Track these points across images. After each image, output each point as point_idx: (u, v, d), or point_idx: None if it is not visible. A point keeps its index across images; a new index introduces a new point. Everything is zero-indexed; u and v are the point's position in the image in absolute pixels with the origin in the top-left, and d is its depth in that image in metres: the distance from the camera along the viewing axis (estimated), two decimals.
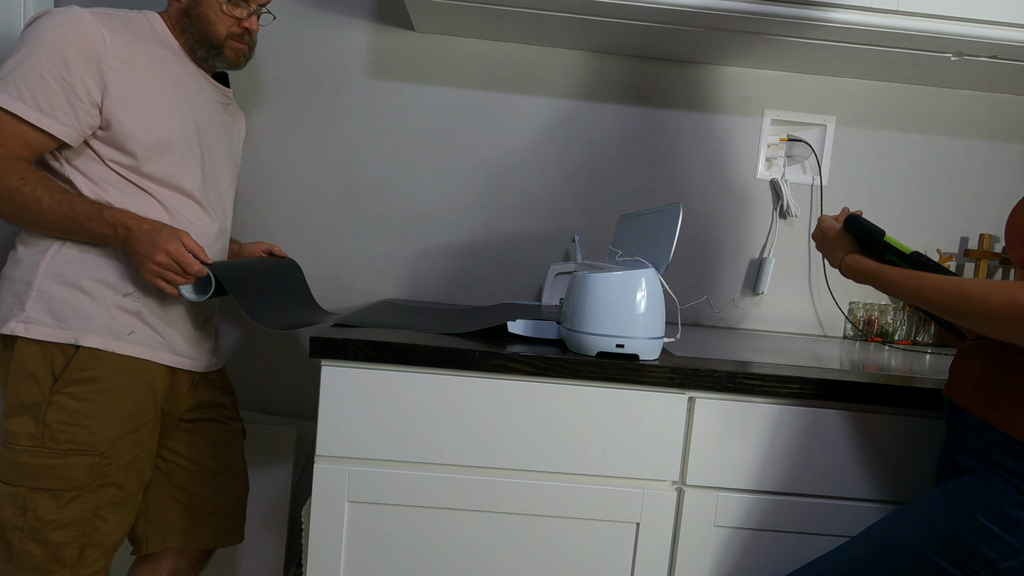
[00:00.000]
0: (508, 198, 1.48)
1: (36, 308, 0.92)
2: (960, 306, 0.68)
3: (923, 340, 1.44)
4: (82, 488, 0.93)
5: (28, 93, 0.89)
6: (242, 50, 1.07)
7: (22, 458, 0.91)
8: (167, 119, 0.99)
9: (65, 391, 0.92)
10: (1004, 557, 0.68)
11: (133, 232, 0.91)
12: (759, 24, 1.17)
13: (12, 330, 0.92)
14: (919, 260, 0.79)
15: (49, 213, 0.89)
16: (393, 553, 0.91)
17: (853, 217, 0.88)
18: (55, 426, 0.91)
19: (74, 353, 0.93)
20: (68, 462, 0.92)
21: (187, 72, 1.05)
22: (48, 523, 0.91)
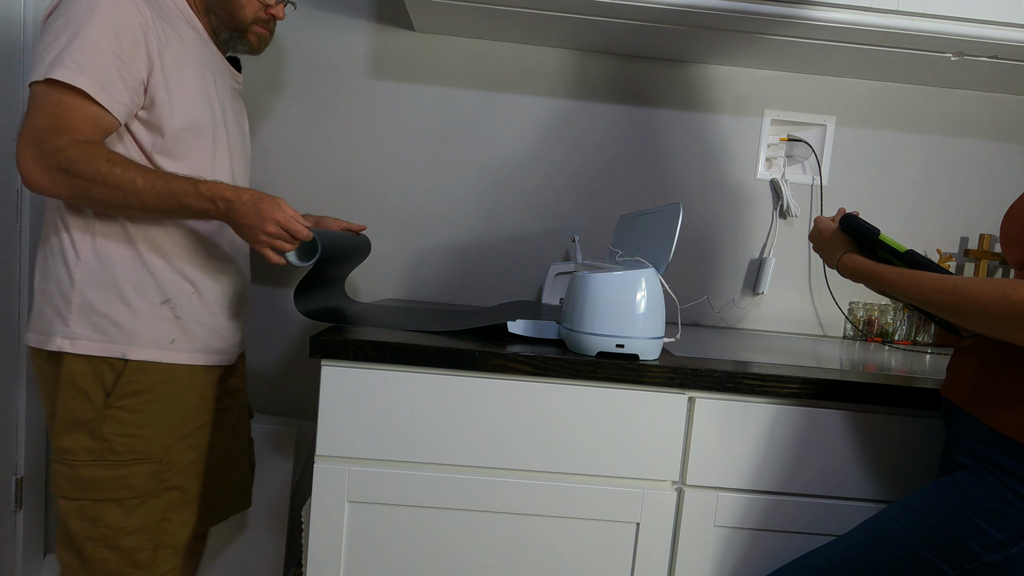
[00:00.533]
0: (508, 198, 1.47)
1: (79, 323, 0.91)
2: (955, 304, 0.68)
3: (923, 340, 1.44)
4: (146, 494, 0.94)
5: (90, 69, 0.84)
6: (265, 36, 1.05)
7: (82, 472, 0.91)
8: (198, 102, 0.97)
9: (118, 405, 0.92)
10: (989, 551, 0.68)
11: (234, 204, 0.89)
12: (759, 24, 1.17)
13: (59, 346, 0.91)
14: (914, 259, 0.80)
15: (145, 193, 0.86)
16: (393, 553, 0.91)
17: (848, 217, 0.88)
18: (113, 439, 0.92)
19: (123, 367, 0.92)
20: (129, 471, 0.93)
21: (210, 54, 1.02)
22: (119, 530, 0.93)
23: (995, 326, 0.65)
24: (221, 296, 1.04)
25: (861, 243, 0.88)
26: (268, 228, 0.89)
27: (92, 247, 0.92)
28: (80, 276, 0.91)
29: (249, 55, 1.08)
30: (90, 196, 0.86)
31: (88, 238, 0.92)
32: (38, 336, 0.93)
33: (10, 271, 1.36)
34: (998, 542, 0.68)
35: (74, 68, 0.83)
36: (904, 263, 0.81)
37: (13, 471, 1.42)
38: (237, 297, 1.08)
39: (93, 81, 0.84)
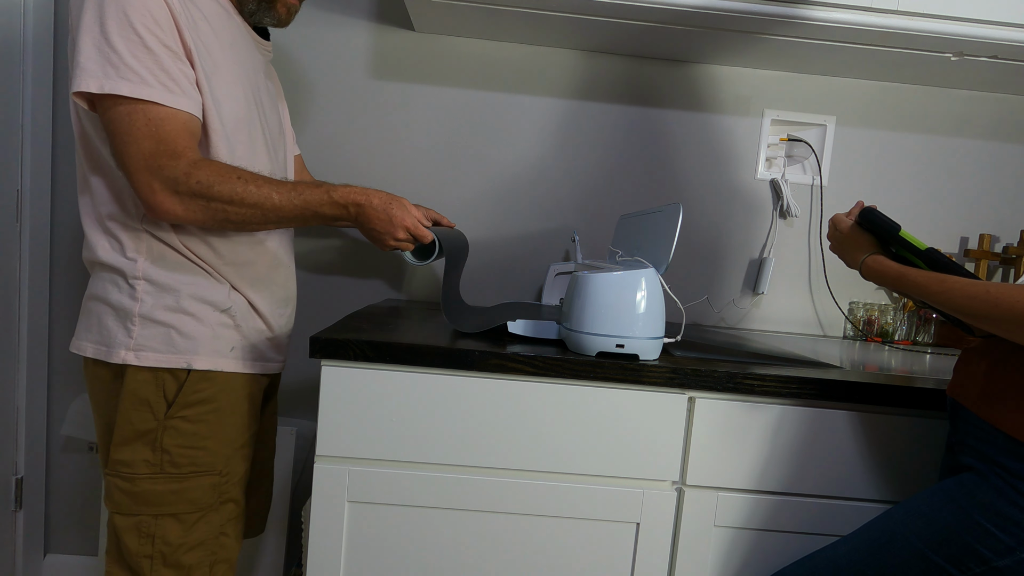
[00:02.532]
0: (508, 198, 1.47)
1: (144, 335, 0.88)
2: (986, 311, 0.67)
3: (923, 340, 1.44)
4: (206, 508, 0.92)
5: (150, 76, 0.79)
6: (294, 6, 0.99)
7: (141, 486, 0.88)
8: (236, 91, 0.92)
9: (180, 415, 0.90)
10: (999, 555, 0.68)
11: (365, 208, 0.89)
12: (760, 24, 1.17)
13: (123, 359, 0.88)
14: (934, 257, 0.78)
15: (283, 208, 0.85)
16: (393, 553, 0.91)
17: (868, 211, 0.86)
18: (174, 450, 0.89)
19: (186, 377, 0.90)
20: (189, 484, 0.90)
21: (236, 29, 0.95)
22: (179, 547, 0.90)
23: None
24: (273, 303, 1.01)
25: (879, 239, 0.86)
26: (398, 235, 0.91)
27: (150, 259, 0.89)
28: (143, 288, 0.88)
29: (277, 27, 1.02)
30: (227, 218, 0.85)
31: (144, 249, 0.89)
32: (97, 347, 0.90)
33: (10, 271, 1.36)
34: (1007, 546, 0.68)
35: (136, 80, 0.79)
36: (924, 261, 0.80)
37: (13, 471, 1.42)
38: (287, 304, 1.06)
39: (162, 86, 0.80)
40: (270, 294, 1.01)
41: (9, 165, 1.33)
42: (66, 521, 1.53)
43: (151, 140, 0.80)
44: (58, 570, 1.53)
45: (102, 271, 0.90)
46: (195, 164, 0.82)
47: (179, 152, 0.81)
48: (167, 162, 0.81)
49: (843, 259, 0.91)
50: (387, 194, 0.92)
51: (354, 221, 0.90)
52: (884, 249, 0.86)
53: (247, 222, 0.86)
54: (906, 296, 0.81)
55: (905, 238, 0.81)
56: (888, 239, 0.84)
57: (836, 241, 0.92)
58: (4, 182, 1.32)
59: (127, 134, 0.80)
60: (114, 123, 0.81)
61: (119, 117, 0.80)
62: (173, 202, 0.82)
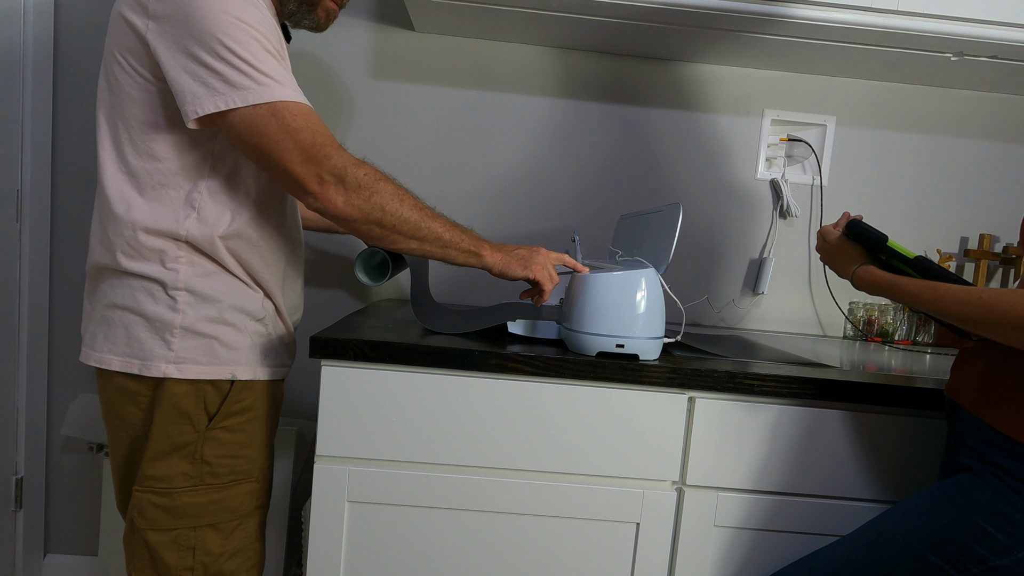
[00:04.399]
0: (508, 198, 1.47)
1: (185, 347, 0.86)
2: (980, 316, 0.68)
3: (923, 340, 1.44)
4: (244, 515, 0.91)
5: (281, 77, 0.79)
6: (334, 11, 0.98)
7: (180, 500, 0.87)
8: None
9: (221, 426, 0.88)
10: (996, 555, 0.68)
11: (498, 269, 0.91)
12: (759, 24, 1.17)
13: (163, 372, 0.85)
14: (924, 265, 0.79)
15: (435, 230, 0.85)
16: (393, 553, 0.91)
17: (854, 223, 0.86)
18: (215, 461, 0.88)
19: (229, 388, 0.89)
20: (230, 493, 0.89)
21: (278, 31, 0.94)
22: (219, 556, 0.89)
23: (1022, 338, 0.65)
24: (293, 306, 1.01)
25: (868, 249, 0.87)
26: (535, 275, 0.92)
27: (191, 270, 0.86)
28: (184, 299, 0.86)
29: (314, 31, 1.01)
30: (380, 220, 0.83)
31: (185, 259, 0.86)
32: (128, 360, 0.86)
33: (10, 271, 1.36)
34: (1005, 546, 0.68)
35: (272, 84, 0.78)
36: (914, 269, 0.80)
37: (13, 471, 1.42)
38: (299, 308, 1.06)
39: (293, 87, 0.80)
40: (293, 295, 1.01)
41: (9, 165, 1.33)
42: (66, 521, 1.54)
43: (308, 132, 0.79)
44: (58, 570, 1.53)
45: (130, 279, 0.86)
46: (356, 161, 0.82)
47: (338, 145, 0.81)
48: (332, 151, 0.80)
49: (835, 270, 0.91)
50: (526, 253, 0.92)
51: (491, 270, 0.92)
52: (874, 259, 0.86)
53: (392, 232, 0.84)
54: (899, 303, 0.81)
55: (893, 247, 0.82)
56: (877, 249, 0.84)
57: (826, 252, 0.92)
58: (4, 182, 1.32)
59: (281, 131, 0.78)
60: (258, 127, 0.78)
61: (261, 119, 0.78)
62: (338, 191, 0.80)
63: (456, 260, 0.88)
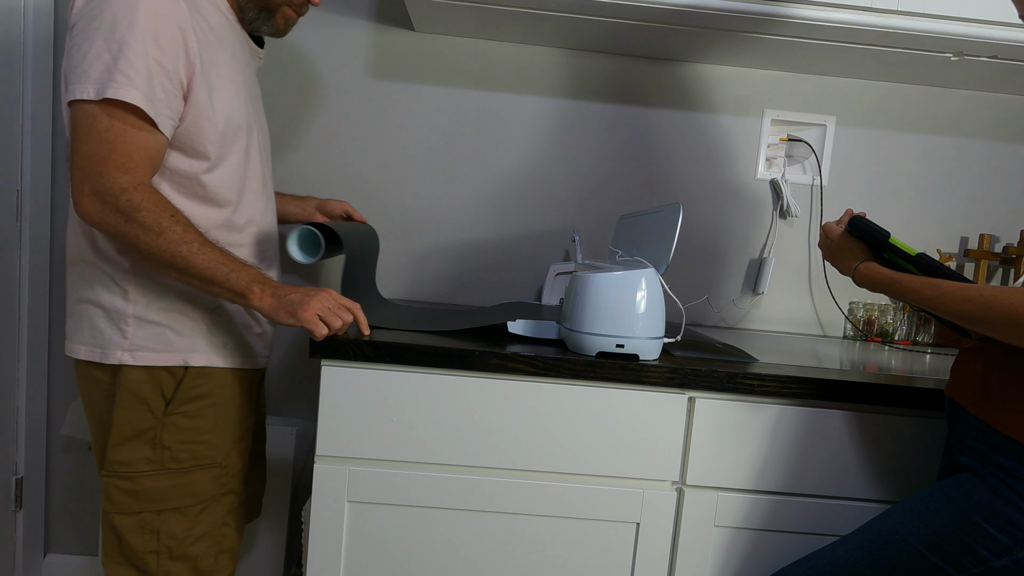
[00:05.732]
0: (508, 198, 1.47)
1: (139, 335, 0.89)
2: (981, 313, 0.67)
3: (923, 340, 1.44)
4: (208, 500, 0.94)
5: (141, 84, 0.79)
6: (292, 18, 1.00)
7: (143, 484, 0.89)
8: (236, 100, 0.92)
9: (179, 411, 0.91)
10: (996, 555, 0.68)
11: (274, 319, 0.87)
12: (759, 24, 1.17)
13: (119, 359, 0.89)
14: (925, 262, 0.79)
15: (194, 258, 0.82)
16: (393, 553, 0.91)
17: (856, 219, 0.86)
18: (174, 446, 0.90)
19: (183, 374, 0.91)
20: (192, 478, 0.92)
21: (236, 38, 0.96)
22: (184, 539, 0.92)
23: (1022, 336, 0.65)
24: None
25: (870, 246, 0.87)
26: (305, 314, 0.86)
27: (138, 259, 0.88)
28: (134, 288, 0.89)
29: (274, 37, 1.03)
30: (136, 244, 0.82)
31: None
32: (90, 349, 0.90)
33: (10, 271, 1.36)
34: (1005, 547, 0.68)
35: (126, 83, 0.78)
36: (915, 266, 0.80)
37: (13, 471, 1.42)
38: None
39: (146, 97, 0.80)
40: None
41: (9, 165, 1.33)
42: (66, 521, 1.54)
43: (105, 146, 0.80)
44: (58, 570, 1.53)
45: (89, 271, 0.90)
46: (138, 187, 0.80)
47: (128, 168, 0.80)
48: (111, 172, 0.80)
49: (836, 267, 0.91)
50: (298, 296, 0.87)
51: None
52: (876, 256, 0.86)
53: (149, 259, 0.83)
54: (901, 301, 0.81)
55: (895, 244, 0.82)
56: (879, 246, 0.84)
57: (828, 249, 0.92)
58: (4, 182, 1.32)
59: (85, 133, 0.80)
60: (79, 120, 0.80)
61: (86, 115, 0.80)
62: (96, 210, 0.80)
63: (223, 296, 0.86)
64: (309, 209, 1.21)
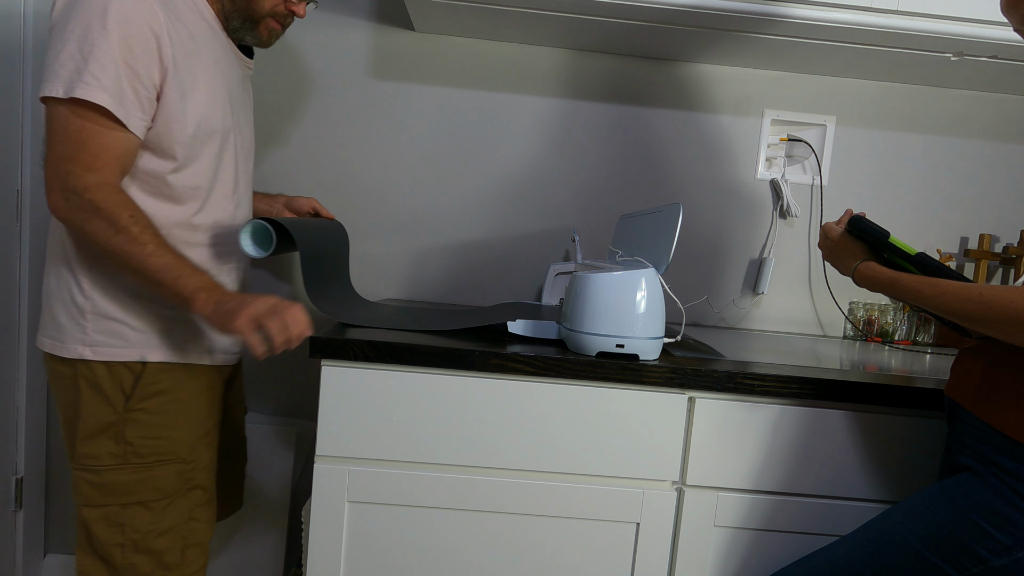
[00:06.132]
0: (508, 198, 1.47)
1: (97, 329, 0.90)
2: (981, 312, 0.67)
3: (923, 340, 1.44)
4: (173, 495, 0.94)
5: (110, 85, 0.80)
6: (276, 30, 1.01)
7: (107, 478, 0.91)
8: (212, 107, 0.94)
9: (139, 407, 0.92)
10: (996, 555, 0.68)
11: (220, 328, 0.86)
12: (759, 24, 1.17)
13: (79, 353, 0.90)
14: (924, 262, 0.79)
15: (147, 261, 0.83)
16: (393, 553, 0.91)
17: (856, 219, 0.87)
18: (136, 441, 0.91)
19: (142, 370, 0.92)
20: (155, 473, 0.93)
21: (219, 46, 0.98)
22: (148, 532, 0.93)
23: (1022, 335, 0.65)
24: None
25: (870, 246, 0.87)
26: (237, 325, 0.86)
27: (96, 254, 0.90)
28: (89, 284, 0.90)
29: (258, 47, 1.04)
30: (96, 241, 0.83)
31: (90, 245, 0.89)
32: (53, 342, 0.92)
33: (10, 271, 1.36)
34: (1005, 546, 0.68)
35: (95, 84, 0.80)
36: (915, 266, 0.80)
37: (13, 471, 1.42)
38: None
39: (114, 98, 0.81)
40: (226, 283, 1.01)
41: (9, 165, 1.33)
42: (66, 521, 1.54)
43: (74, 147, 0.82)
44: (58, 570, 1.53)
45: (56, 266, 0.92)
46: (101, 186, 0.82)
47: (94, 168, 0.82)
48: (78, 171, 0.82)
49: (836, 267, 0.91)
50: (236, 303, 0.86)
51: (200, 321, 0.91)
52: (876, 255, 0.86)
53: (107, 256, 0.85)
54: (900, 301, 0.81)
55: (895, 244, 0.82)
56: (878, 245, 0.84)
57: (828, 249, 0.92)
58: (4, 182, 1.32)
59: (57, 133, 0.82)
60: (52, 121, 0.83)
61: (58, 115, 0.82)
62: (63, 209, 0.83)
63: (172, 300, 0.87)
64: (277, 207, 1.21)
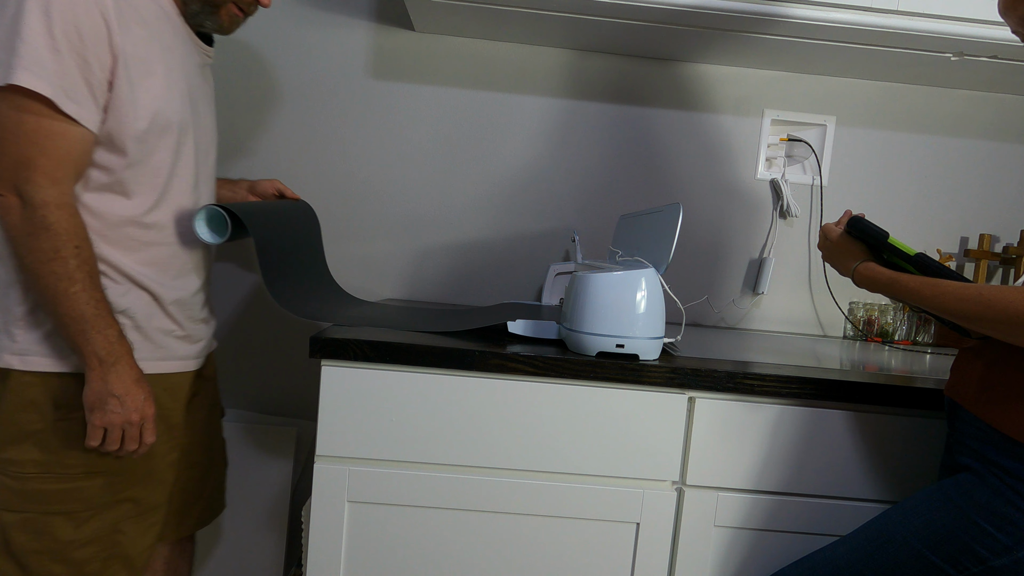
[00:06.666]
0: (508, 198, 1.47)
1: (29, 339, 0.85)
2: (980, 312, 0.67)
3: (923, 340, 1.44)
4: (99, 506, 0.90)
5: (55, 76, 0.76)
6: (238, 17, 0.96)
7: (30, 485, 0.87)
8: (166, 97, 0.89)
9: (70, 417, 0.87)
10: (996, 555, 0.68)
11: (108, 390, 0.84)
12: (759, 24, 1.17)
13: (7, 363, 0.85)
14: (924, 262, 0.79)
15: (69, 298, 0.80)
16: (393, 553, 0.91)
17: (855, 220, 0.87)
18: (63, 452, 0.87)
19: (74, 381, 0.87)
20: (81, 484, 0.88)
21: (174, 32, 0.92)
22: (68, 543, 0.88)
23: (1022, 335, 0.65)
24: (182, 301, 0.97)
25: (870, 246, 0.87)
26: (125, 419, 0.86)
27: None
28: (23, 291, 0.85)
29: (219, 34, 0.99)
30: (24, 256, 0.80)
31: None
32: None
33: None
34: (1005, 546, 0.68)
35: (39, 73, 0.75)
36: (914, 266, 0.80)
37: None
38: (200, 300, 1.02)
39: (68, 93, 0.77)
40: (184, 286, 0.97)
41: None
42: None
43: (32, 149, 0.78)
44: None
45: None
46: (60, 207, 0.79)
47: (56, 180, 0.79)
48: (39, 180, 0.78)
49: (835, 268, 0.91)
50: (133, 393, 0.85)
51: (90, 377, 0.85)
52: (875, 256, 0.86)
53: (30, 272, 0.81)
54: (900, 301, 0.81)
55: (894, 244, 0.82)
56: (878, 246, 0.85)
57: (827, 250, 0.93)
58: None
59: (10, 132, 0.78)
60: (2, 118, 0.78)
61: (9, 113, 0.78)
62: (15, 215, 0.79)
63: (68, 343, 0.84)
64: (240, 192, 1.17)
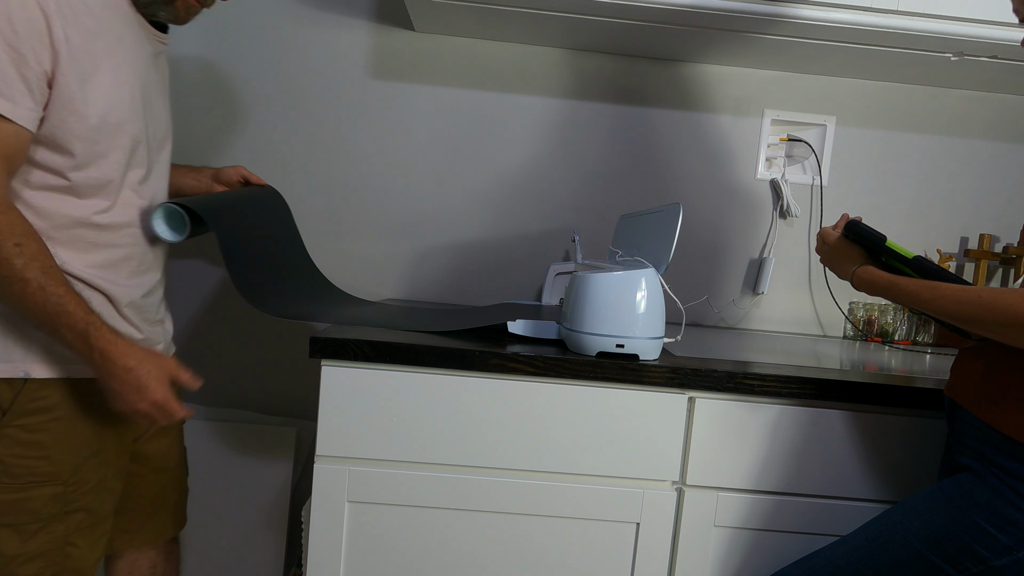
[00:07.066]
0: (508, 198, 1.47)
1: None
2: (979, 315, 0.68)
3: (923, 340, 1.44)
4: (48, 519, 0.86)
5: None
6: (194, 7, 0.92)
7: None
8: (117, 93, 0.84)
9: (16, 424, 0.83)
10: (996, 555, 0.68)
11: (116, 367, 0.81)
12: (759, 24, 1.17)
13: None
14: (922, 265, 0.79)
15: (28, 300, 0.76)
16: (393, 553, 0.91)
17: (853, 223, 0.87)
18: (8, 460, 0.83)
19: (22, 386, 0.83)
20: (28, 495, 0.84)
21: (123, 21, 0.87)
22: (14, 558, 0.84)
23: (1021, 337, 0.65)
24: (137, 304, 0.94)
25: (868, 250, 0.87)
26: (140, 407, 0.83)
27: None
28: None
29: (173, 24, 0.94)
30: None
31: None
32: None
33: None
34: (1005, 546, 0.68)
35: None
36: (912, 269, 0.81)
37: None
38: (155, 302, 0.99)
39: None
40: (138, 286, 0.94)
41: None
42: None
43: None
44: None
45: None
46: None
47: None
48: None
49: (834, 271, 0.92)
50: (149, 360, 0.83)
51: (97, 372, 0.82)
52: (873, 259, 0.87)
53: None
54: (899, 304, 0.82)
55: (892, 247, 0.82)
56: (876, 249, 0.85)
57: (825, 254, 0.93)
58: None
59: None
60: None
61: None
62: None
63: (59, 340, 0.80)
64: (205, 181, 1.13)
